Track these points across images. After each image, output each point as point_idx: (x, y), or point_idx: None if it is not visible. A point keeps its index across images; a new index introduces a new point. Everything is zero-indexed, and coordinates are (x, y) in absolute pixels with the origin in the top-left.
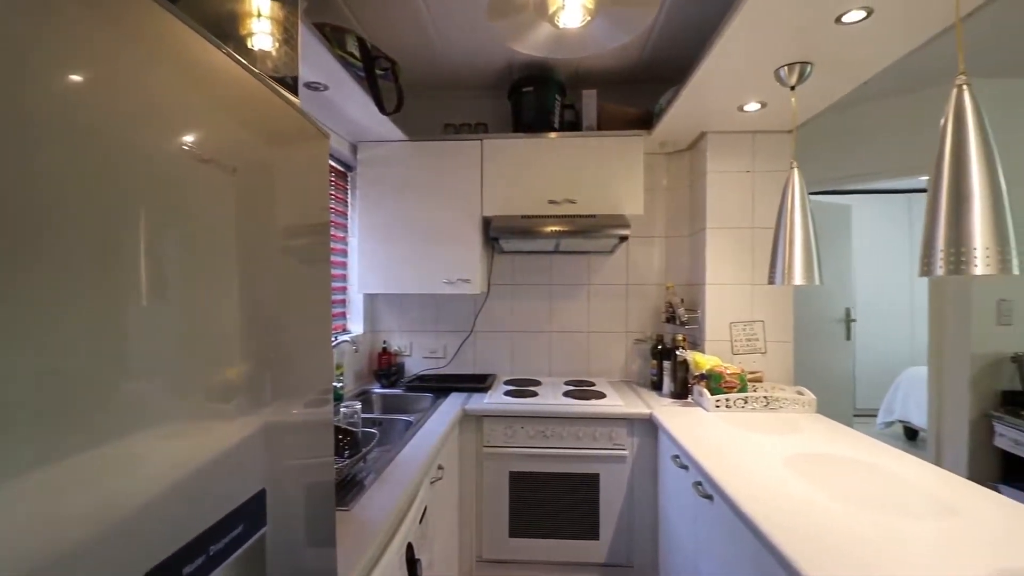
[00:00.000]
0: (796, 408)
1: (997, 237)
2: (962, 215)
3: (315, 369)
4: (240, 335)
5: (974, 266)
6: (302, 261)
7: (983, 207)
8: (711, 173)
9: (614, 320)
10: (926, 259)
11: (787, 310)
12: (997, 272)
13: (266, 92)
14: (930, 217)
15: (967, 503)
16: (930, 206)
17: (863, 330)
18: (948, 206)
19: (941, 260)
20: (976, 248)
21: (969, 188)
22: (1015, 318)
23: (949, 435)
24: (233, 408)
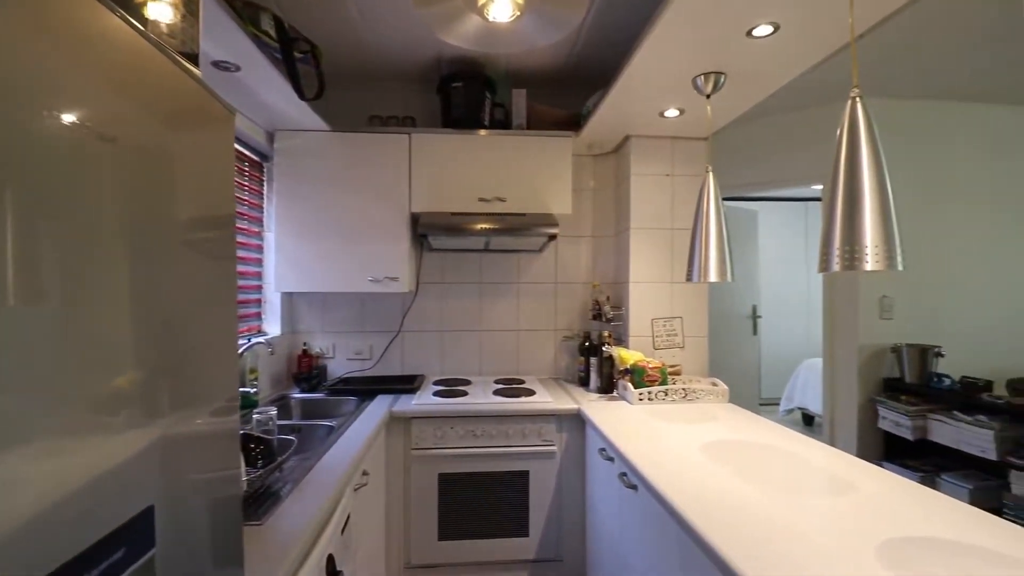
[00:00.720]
0: (711, 398)
1: (885, 236)
2: (855, 216)
3: (219, 375)
4: (131, 339)
5: (865, 262)
6: (204, 256)
7: (873, 209)
8: (635, 176)
9: (543, 318)
10: (824, 257)
11: (703, 307)
12: (884, 268)
13: (163, 61)
14: (827, 218)
15: (863, 480)
16: (827, 208)
17: (767, 325)
18: (843, 208)
19: (837, 257)
20: (867, 246)
21: (861, 191)
22: (895, 313)
23: (841, 419)
24: (121, 421)
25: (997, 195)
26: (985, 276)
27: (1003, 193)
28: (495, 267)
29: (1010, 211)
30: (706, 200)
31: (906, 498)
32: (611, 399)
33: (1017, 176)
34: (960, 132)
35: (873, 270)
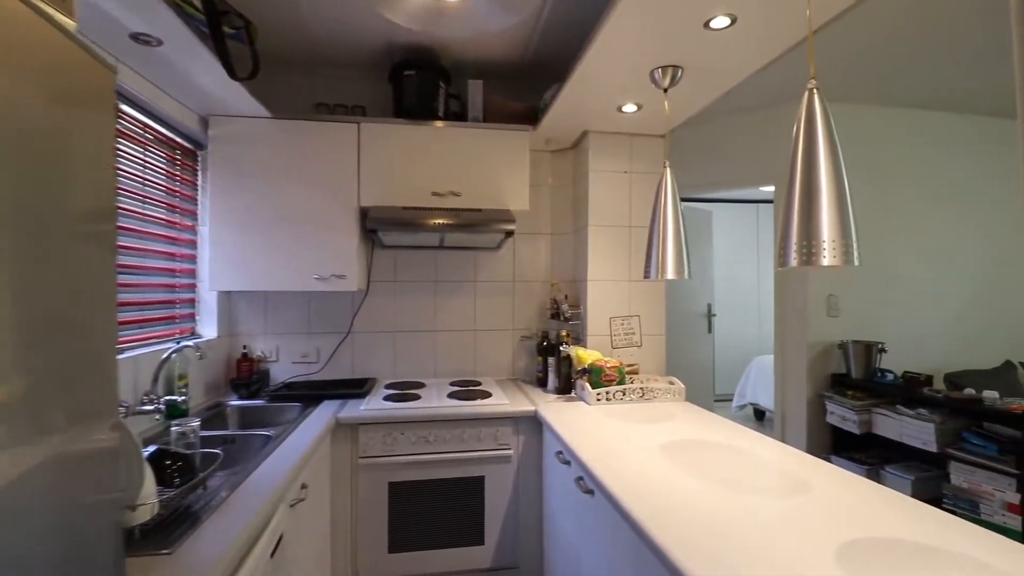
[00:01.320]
0: (668, 397)
1: (842, 231)
2: (812, 210)
3: (91, 387)
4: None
5: (822, 257)
6: (76, 248)
7: (830, 202)
8: (593, 172)
9: (501, 317)
10: (781, 252)
11: (660, 305)
12: (842, 263)
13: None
14: (784, 213)
15: (818, 479)
16: (785, 203)
17: (721, 324)
18: (800, 202)
19: (795, 252)
20: (824, 241)
21: (818, 184)
22: (841, 311)
23: (791, 414)
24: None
25: (937, 200)
26: (923, 276)
27: (943, 198)
28: (451, 265)
29: (949, 215)
30: (664, 196)
31: (860, 497)
32: (569, 400)
33: (956, 182)
34: (906, 137)
35: (830, 265)
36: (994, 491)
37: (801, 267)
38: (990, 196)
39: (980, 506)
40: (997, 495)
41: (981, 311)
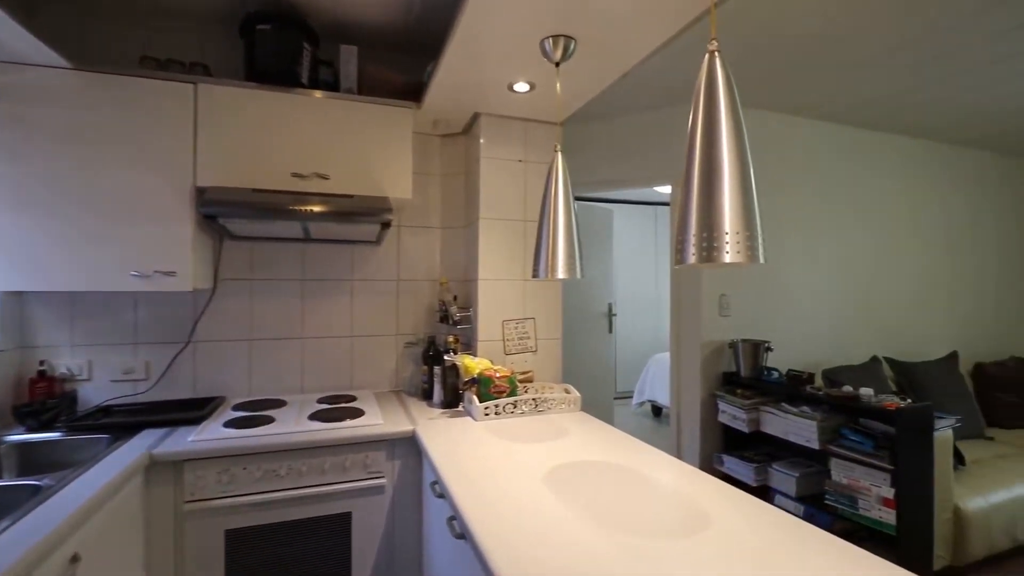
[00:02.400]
0: (563, 408)
1: (746, 220)
2: (713, 195)
3: None
4: None
5: (724, 253)
6: None
7: (733, 186)
8: (485, 159)
9: (383, 321)
10: (679, 247)
11: (557, 306)
12: (746, 260)
13: None
14: (683, 200)
15: (719, 510)
16: (683, 188)
17: (621, 323)
18: (700, 186)
19: (693, 247)
20: (727, 233)
21: (719, 164)
22: (732, 310)
23: (686, 413)
24: None
25: (816, 205)
26: (804, 278)
27: (820, 203)
28: (322, 261)
29: (826, 220)
30: (554, 186)
31: (763, 532)
32: (455, 415)
33: (834, 189)
34: (796, 144)
35: (733, 262)
36: (871, 486)
37: (700, 264)
38: (863, 204)
39: (859, 501)
40: (874, 490)
41: (853, 311)
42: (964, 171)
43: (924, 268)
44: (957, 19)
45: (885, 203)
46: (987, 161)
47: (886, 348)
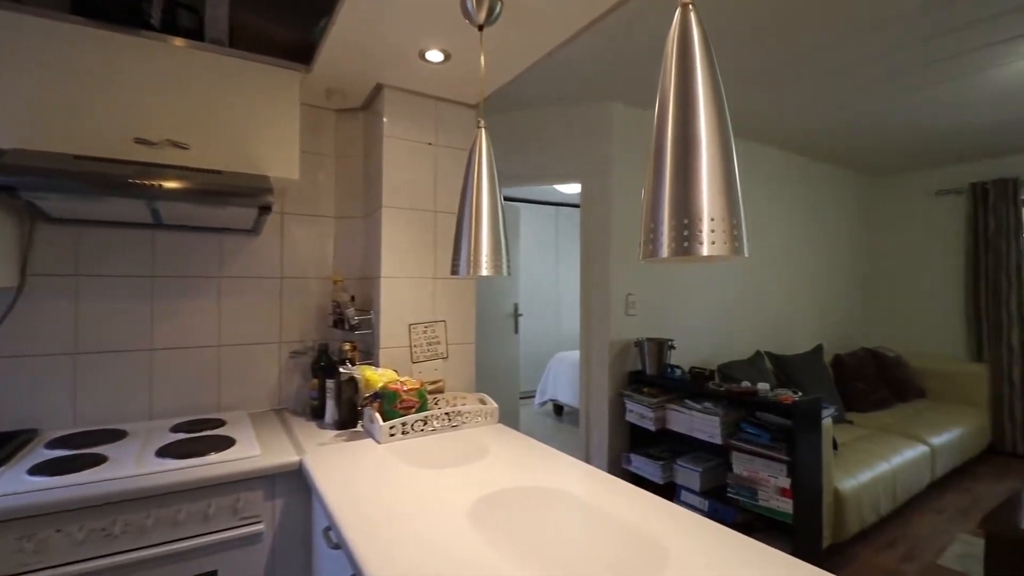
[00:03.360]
0: (480, 421)
1: (728, 205)
2: (690, 174)
3: None
4: None
5: (704, 244)
6: None
7: (711, 159)
8: (389, 138)
9: (262, 327)
10: (649, 237)
11: (470, 307)
12: (730, 252)
13: None
14: (653, 183)
15: (671, 537)
16: (653, 169)
17: (525, 323)
18: (674, 162)
19: (667, 239)
20: (707, 220)
21: (696, 134)
22: (637, 309)
23: (595, 414)
24: None
25: None
26: (700, 277)
27: None
28: (180, 253)
29: None
30: (477, 167)
31: (729, 563)
32: (353, 437)
33: None
34: None
35: (714, 256)
36: (769, 477)
37: (674, 258)
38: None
39: (758, 493)
40: (772, 481)
41: (739, 309)
42: (825, 185)
43: (793, 270)
44: (821, 47)
45: (760, 210)
46: (843, 178)
47: (766, 343)
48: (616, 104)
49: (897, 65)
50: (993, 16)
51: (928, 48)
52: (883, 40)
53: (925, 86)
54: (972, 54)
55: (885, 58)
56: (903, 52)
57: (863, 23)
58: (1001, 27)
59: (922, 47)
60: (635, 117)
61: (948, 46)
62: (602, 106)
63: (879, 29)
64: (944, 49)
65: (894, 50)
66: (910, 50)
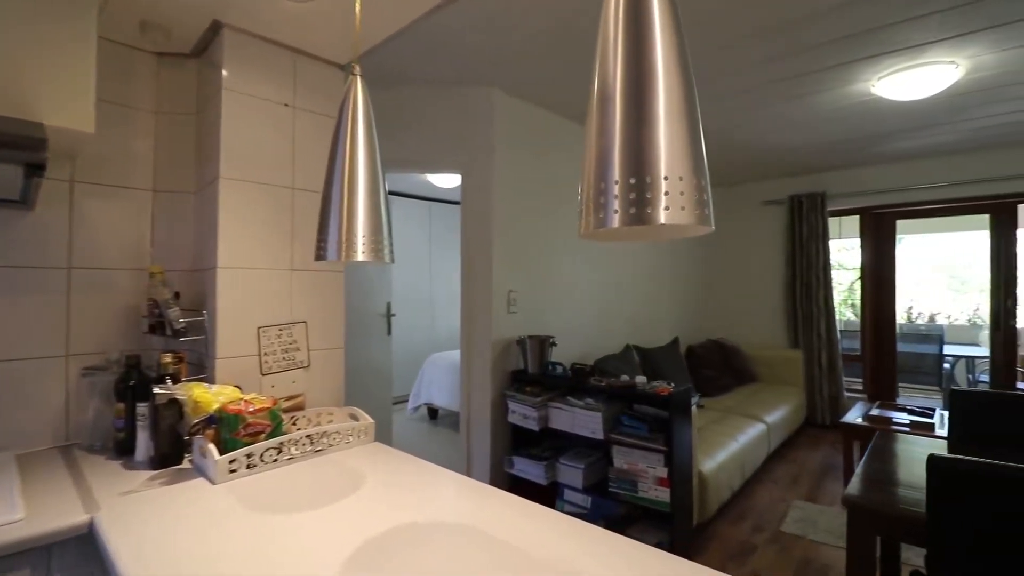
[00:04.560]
0: (351, 441)
1: (692, 160)
2: (645, 119)
3: None
4: None
5: (662, 209)
6: None
7: (671, 102)
8: (230, 92)
9: (39, 335)
10: (594, 202)
11: (337, 305)
12: (696, 221)
13: None
14: (597, 132)
15: (587, 564)
16: (597, 114)
17: (398, 324)
18: (625, 103)
19: (617, 203)
20: (666, 178)
21: (652, 70)
22: (519, 307)
23: (476, 416)
24: None
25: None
26: (576, 273)
27: None
28: None
29: None
30: (351, 121)
31: None
32: (178, 478)
33: None
34: (564, 144)
35: (674, 225)
36: (647, 468)
37: (622, 230)
38: None
39: (638, 484)
40: (650, 472)
41: (611, 305)
42: None
43: (653, 268)
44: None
45: None
46: None
47: (633, 337)
48: (496, 91)
49: (745, 83)
50: (820, 45)
51: (770, 68)
52: (731, 58)
53: (768, 103)
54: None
55: (733, 75)
56: (751, 71)
57: (710, 43)
58: (823, 56)
59: (766, 67)
60: (515, 108)
61: (791, 67)
62: (482, 92)
63: (726, 49)
64: (787, 70)
65: (744, 68)
66: (756, 70)
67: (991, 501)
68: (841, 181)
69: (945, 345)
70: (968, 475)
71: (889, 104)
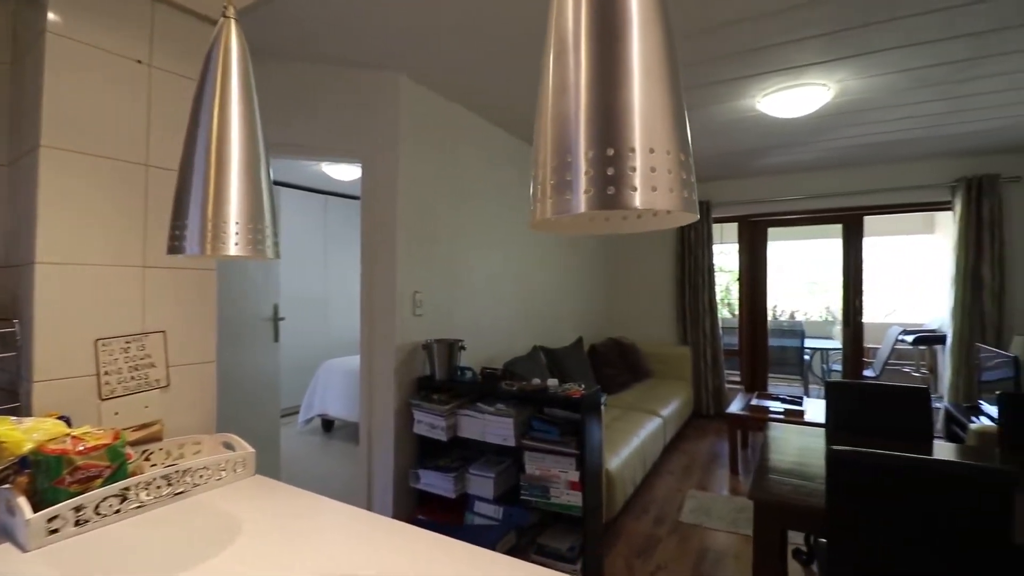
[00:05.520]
0: (225, 476)
1: (674, 128)
2: (616, 74)
3: None
4: None
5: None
6: None
7: (647, 51)
8: (58, 39)
9: None
10: (553, 183)
11: (208, 310)
12: (678, 207)
13: None
14: (554, 91)
15: None
16: (555, 68)
17: (288, 328)
18: (592, 54)
19: (584, 180)
20: (635, 151)
21: (626, 10)
22: (425, 308)
23: (378, 428)
24: None
25: (492, 203)
26: (484, 275)
27: (492, 202)
28: None
29: (496, 217)
30: (220, 72)
31: None
32: None
33: (506, 189)
34: (471, 140)
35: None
36: (559, 473)
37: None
38: (517, 208)
39: (550, 489)
40: (562, 476)
41: (518, 306)
42: None
43: (560, 267)
44: None
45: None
46: None
47: (540, 338)
48: (402, 76)
49: None
50: (712, 59)
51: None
52: None
53: None
54: (696, 91)
55: None
56: None
57: None
58: (715, 70)
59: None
60: (423, 97)
61: (686, 80)
62: (388, 77)
63: None
64: (701, 77)
65: None
66: None
67: (884, 488)
68: (724, 191)
69: (805, 339)
70: (867, 467)
71: (770, 121)
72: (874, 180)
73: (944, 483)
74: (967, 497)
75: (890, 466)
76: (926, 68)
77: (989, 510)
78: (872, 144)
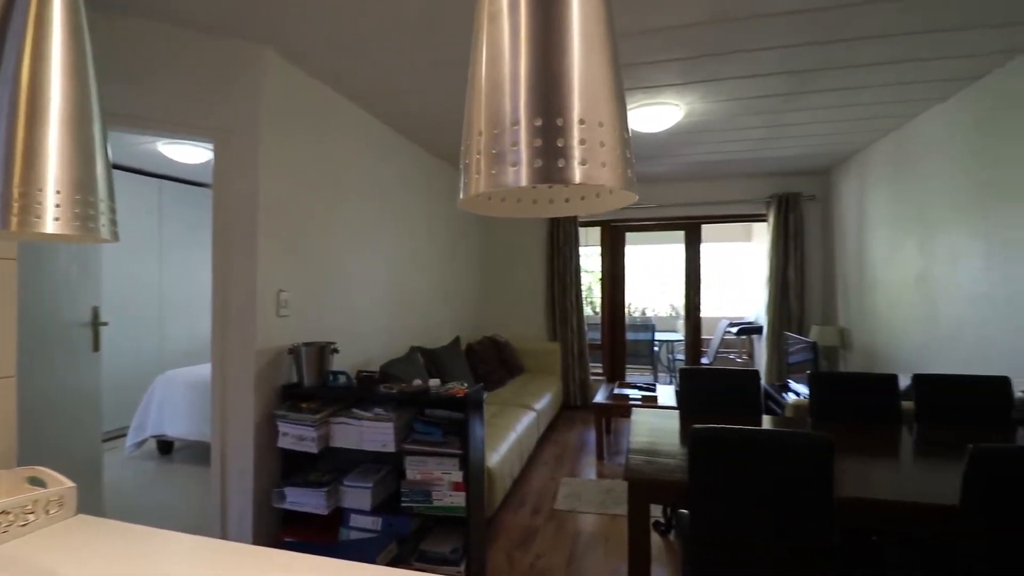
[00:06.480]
0: (35, 522)
1: (615, 103)
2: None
3: None
4: None
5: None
6: None
7: (586, 19)
8: None
9: None
10: (510, 148)
11: (6, 310)
12: (619, 184)
13: None
14: (490, 54)
15: None
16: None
17: (111, 335)
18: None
19: (524, 147)
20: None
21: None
22: (291, 309)
23: (234, 445)
24: None
25: (371, 200)
26: (360, 273)
27: (370, 200)
28: None
29: (374, 216)
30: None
31: None
32: None
33: (382, 189)
34: (352, 133)
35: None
36: (442, 475)
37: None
38: (395, 207)
39: (432, 493)
40: (445, 478)
41: (395, 306)
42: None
43: (435, 268)
44: None
45: (408, 209)
46: None
47: (418, 338)
48: (268, 50)
49: None
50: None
51: None
52: None
53: None
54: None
55: None
56: None
57: None
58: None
59: None
60: (293, 77)
61: None
62: (253, 49)
63: None
64: None
65: None
66: None
67: (736, 459)
68: None
69: (655, 333)
70: (722, 440)
71: (637, 135)
72: (709, 193)
73: (784, 450)
74: (801, 460)
75: (742, 438)
76: (757, 98)
77: (818, 470)
78: (709, 162)
